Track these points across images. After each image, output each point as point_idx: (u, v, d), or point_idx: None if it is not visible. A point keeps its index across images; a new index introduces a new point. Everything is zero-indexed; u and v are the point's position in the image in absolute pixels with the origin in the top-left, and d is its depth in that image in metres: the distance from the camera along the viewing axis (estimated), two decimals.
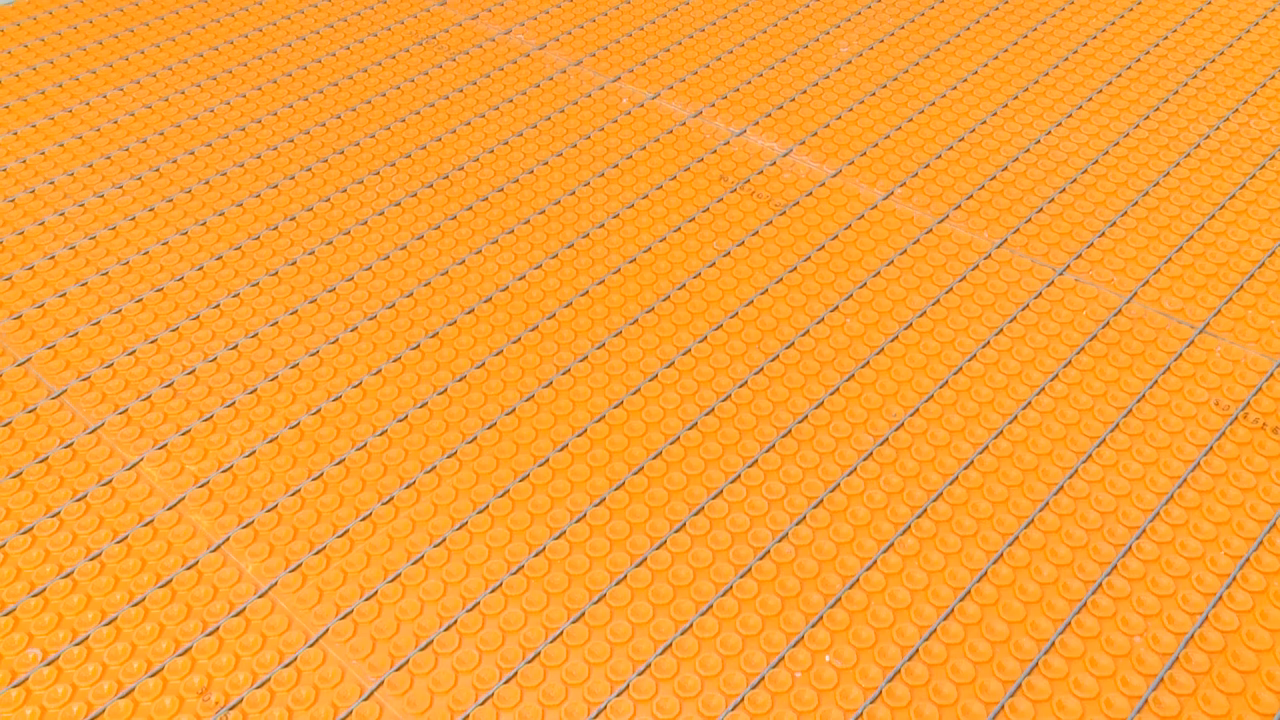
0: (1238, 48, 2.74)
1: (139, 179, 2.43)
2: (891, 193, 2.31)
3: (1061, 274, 2.09)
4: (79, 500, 1.74)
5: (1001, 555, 1.61)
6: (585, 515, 1.69)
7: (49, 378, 1.96)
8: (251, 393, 1.91)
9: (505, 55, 2.83)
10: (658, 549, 1.64)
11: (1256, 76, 2.63)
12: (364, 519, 1.70)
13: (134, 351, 2.00)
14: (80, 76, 2.78)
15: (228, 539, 1.68)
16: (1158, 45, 2.77)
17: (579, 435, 1.82)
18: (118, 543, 1.68)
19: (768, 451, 1.78)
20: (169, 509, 1.72)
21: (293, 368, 1.96)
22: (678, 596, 1.58)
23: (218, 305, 2.09)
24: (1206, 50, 2.74)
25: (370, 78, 2.75)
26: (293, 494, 1.74)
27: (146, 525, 1.70)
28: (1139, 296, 2.03)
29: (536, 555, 1.64)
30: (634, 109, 2.61)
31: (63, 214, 2.33)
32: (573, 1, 3.07)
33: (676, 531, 1.66)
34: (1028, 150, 2.43)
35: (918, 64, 2.75)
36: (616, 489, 1.73)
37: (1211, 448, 1.75)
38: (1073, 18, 2.91)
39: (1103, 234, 2.18)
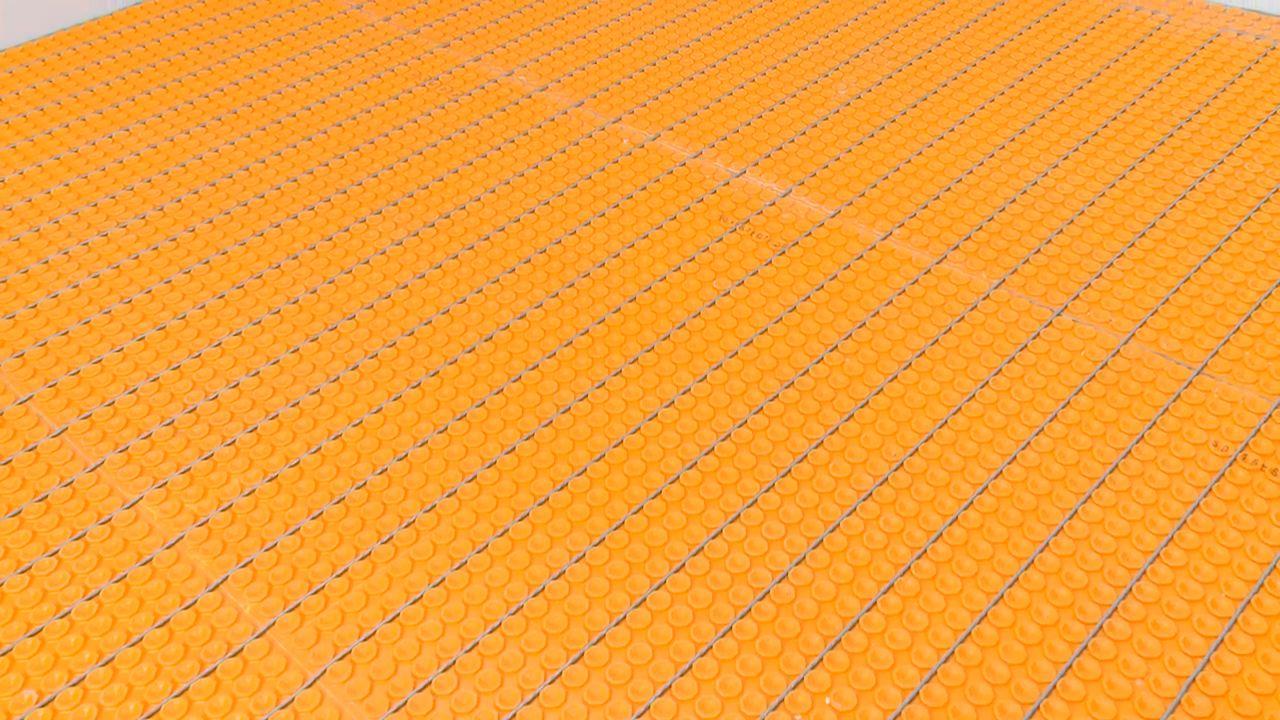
0: (1233, 90, 2.77)
1: (143, 218, 2.45)
2: (890, 233, 2.33)
3: (1059, 314, 2.10)
4: (78, 539, 1.74)
5: (1002, 597, 1.61)
6: (585, 555, 1.69)
7: (50, 416, 1.96)
8: (252, 431, 1.91)
9: (507, 96, 2.86)
10: (657, 589, 1.64)
11: (1252, 119, 2.65)
12: (363, 558, 1.70)
13: (135, 389, 2.00)
14: (86, 117, 2.81)
15: (226, 578, 1.67)
16: (1153, 88, 2.80)
17: (579, 474, 1.82)
18: (116, 582, 1.67)
19: (767, 491, 1.78)
20: (168, 548, 1.72)
21: (293, 406, 1.96)
22: (677, 637, 1.57)
23: (219, 344, 2.10)
24: (1203, 93, 2.77)
25: (373, 118, 2.78)
26: (292, 533, 1.74)
27: (145, 564, 1.70)
28: (1137, 337, 2.04)
29: (536, 595, 1.64)
30: (635, 149, 2.64)
31: (67, 253, 2.34)
32: (575, 44, 3.11)
33: (676, 572, 1.66)
34: (1025, 191, 2.45)
35: (916, 106, 2.78)
36: (616, 529, 1.73)
37: (1211, 489, 1.75)
38: (1070, 60, 2.95)
39: (1100, 275, 2.19)
